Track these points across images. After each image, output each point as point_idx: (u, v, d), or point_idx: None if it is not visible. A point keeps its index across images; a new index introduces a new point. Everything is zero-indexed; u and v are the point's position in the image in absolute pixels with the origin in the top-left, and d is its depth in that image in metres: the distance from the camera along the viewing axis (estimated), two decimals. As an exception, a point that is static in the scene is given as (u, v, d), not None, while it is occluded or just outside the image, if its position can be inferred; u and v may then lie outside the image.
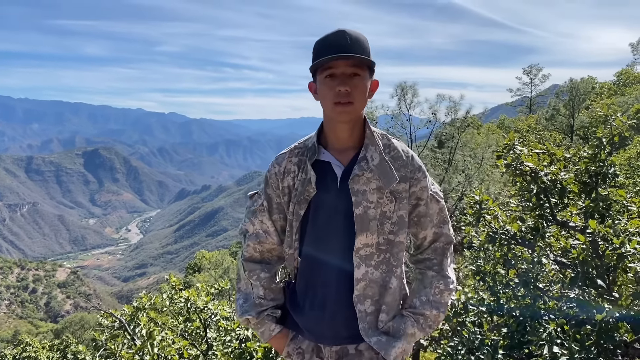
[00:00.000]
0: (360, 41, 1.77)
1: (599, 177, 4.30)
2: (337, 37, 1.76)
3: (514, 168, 4.26)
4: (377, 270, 1.87)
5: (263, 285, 2.03)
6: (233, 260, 36.94)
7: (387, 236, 1.87)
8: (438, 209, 1.96)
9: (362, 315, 1.88)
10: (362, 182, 1.84)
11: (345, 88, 1.75)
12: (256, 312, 2.01)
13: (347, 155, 1.90)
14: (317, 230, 1.91)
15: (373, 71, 1.83)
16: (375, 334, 1.88)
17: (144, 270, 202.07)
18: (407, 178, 1.88)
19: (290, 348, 2.02)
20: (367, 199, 1.84)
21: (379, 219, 1.84)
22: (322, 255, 1.91)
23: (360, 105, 1.81)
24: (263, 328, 2.02)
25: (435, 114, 25.80)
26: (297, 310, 2.00)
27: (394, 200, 1.86)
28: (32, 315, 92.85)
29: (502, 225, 4.28)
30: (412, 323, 1.90)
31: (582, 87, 38.93)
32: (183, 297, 5.57)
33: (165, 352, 4.66)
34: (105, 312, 6.15)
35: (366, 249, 1.85)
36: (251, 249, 2.05)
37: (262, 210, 2.02)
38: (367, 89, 1.82)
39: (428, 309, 1.90)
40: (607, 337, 3.06)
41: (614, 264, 3.35)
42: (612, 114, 4.57)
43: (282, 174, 1.96)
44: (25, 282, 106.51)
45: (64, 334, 29.05)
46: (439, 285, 1.92)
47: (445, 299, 1.92)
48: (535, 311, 3.41)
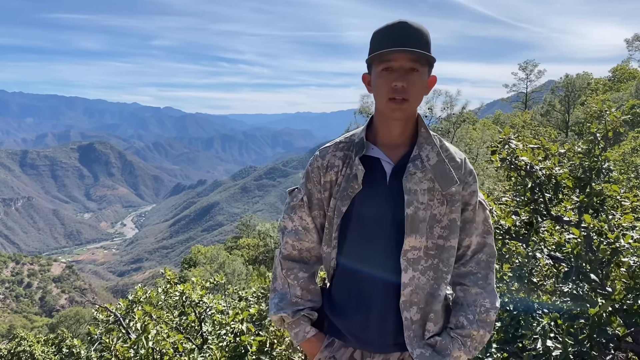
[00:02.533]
0: (421, 34, 1.69)
1: (593, 172, 4.31)
2: (398, 29, 1.68)
3: (509, 162, 4.27)
4: (423, 275, 1.77)
5: (301, 285, 1.91)
6: (228, 255, 36.97)
7: (436, 240, 1.77)
8: (484, 217, 1.87)
9: (408, 323, 1.78)
10: (415, 182, 1.75)
11: (402, 84, 1.67)
12: (292, 311, 1.88)
13: (397, 153, 1.82)
14: (361, 229, 1.80)
15: (432, 66, 1.75)
16: (420, 346, 1.79)
17: (139, 264, 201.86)
18: (461, 181, 1.80)
19: (324, 355, 1.88)
20: (417, 200, 1.74)
21: (428, 222, 1.75)
22: (367, 255, 1.80)
23: (416, 102, 1.74)
24: (298, 329, 1.89)
25: (431, 109, 25.86)
26: (337, 314, 1.88)
27: (445, 203, 1.77)
28: (27, 310, 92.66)
29: (497, 220, 4.29)
30: (460, 346, 1.79)
31: (577, 83, 39.05)
32: (178, 290, 5.57)
33: (160, 346, 4.66)
34: (100, 307, 6.14)
35: (414, 252, 1.75)
36: (290, 246, 1.94)
37: (301, 205, 1.91)
38: (424, 85, 1.75)
39: (475, 329, 1.79)
40: (600, 331, 3.07)
41: (608, 258, 3.37)
42: (606, 110, 4.59)
43: (325, 168, 1.85)
44: (20, 277, 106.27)
45: (59, 328, 29.01)
46: (484, 303, 1.81)
47: (492, 317, 1.82)
48: (529, 305, 3.43)
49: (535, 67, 46.88)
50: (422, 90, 1.74)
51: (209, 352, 4.94)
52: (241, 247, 41.64)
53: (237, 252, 40.04)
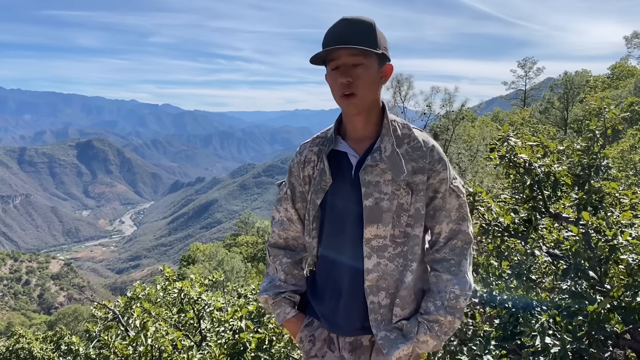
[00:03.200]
0: (361, 28, 1.72)
1: (591, 170, 4.31)
2: (337, 27, 1.73)
3: (508, 160, 4.27)
4: (392, 262, 1.83)
5: (284, 270, 2.05)
6: (227, 253, 36.95)
7: (404, 229, 1.83)
8: (457, 205, 1.88)
9: (375, 307, 1.85)
10: (376, 173, 1.81)
11: (346, 79, 1.73)
12: (274, 293, 2.04)
13: (363, 145, 1.88)
14: (332, 220, 1.91)
15: (385, 56, 1.78)
16: (386, 329, 1.85)
17: (137, 262, 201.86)
18: (426, 169, 1.81)
19: (303, 334, 2.02)
20: (380, 190, 1.80)
21: (395, 211, 1.80)
22: (338, 244, 1.90)
23: (366, 95, 1.77)
24: (279, 310, 2.03)
25: (430, 106, 25.84)
26: (315, 298, 2.02)
27: (411, 192, 1.81)
28: (26, 307, 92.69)
29: (496, 217, 4.29)
30: (425, 330, 1.83)
31: (576, 80, 39.05)
32: (177, 288, 5.57)
33: (159, 343, 4.66)
34: (99, 304, 6.13)
35: (378, 240, 1.82)
36: (276, 235, 2.09)
37: (286, 198, 2.04)
38: (375, 77, 1.78)
39: (442, 315, 1.82)
40: (598, 328, 3.08)
41: (606, 255, 3.37)
42: (605, 107, 4.59)
43: (303, 163, 1.97)
44: (18, 274, 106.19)
45: (57, 325, 29.05)
46: (454, 289, 1.83)
47: (461, 304, 1.84)
48: (528, 302, 3.43)
49: (534, 64, 46.93)
50: (371, 82, 1.77)
51: (207, 349, 4.94)
52: (240, 244, 41.67)
53: (236, 249, 40.06)
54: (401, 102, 26.17)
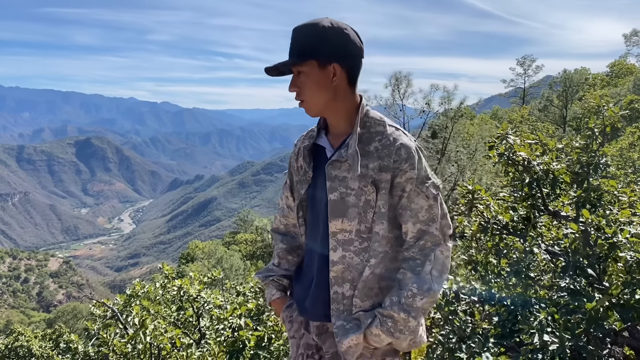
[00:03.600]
0: (299, 36, 1.83)
1: (590, 168, 4.31)
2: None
3: (507, 158, 4.27)
4: (357, 256, 1.88)
5: (279, 254, 2.19)
6: (226, 250, 36.97)
7: (370, 225, 1.86)
8: (427, 206, 1.85)
9: (338, 297, 1.91)
10: (344, 169, 1.85)
11: (293, 89, 1.86)
12: (263, 276, 2.21)
13: (339, 141, 1.93)
14: (311, 211, 2.01)
15: (327, 58, 1.81)
16: (345, 319, 1.90)
17: (136, 260, 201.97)
18: (390, 168, 1.82)
19: (285, 314, 2.15)
20: (347, 185, 1.84)
21: (362, 207, 1.83)
22: (314, 234, 2.00)
23: (313, 99, 1.86)
24: (267, 291, 2.19)
25: (429, 104, 25.82)
26: (295, 283, 2.16)
27: (376, 189, 1.83)
28: (25, 305, 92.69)
29: (494, 215, 4.30)
30: (377, 324, 1.84)
31: (575, 78, 39.08)
32: (176, 285, 5.57)
33: (158, 341, 4.66)
34: (98, 302, 6.14)
35: (344, 234, 1.87)
36: (278, 221, 2.24)
37: (286, 187, 2.18)
38: (319, 80, 1.83)
39: (396, 311, 1.81)
40: (596, 325, 3.08)
41: (605, 253, 3.37)
42: (604, 105, 4.59)
43: (297, 155, 2.06)
44: (17, 272, 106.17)
45: (56, 323, 29.02)
46: (412, 288, 1.82)
47: (417, 303, 1.81)
48: (526, 300, 3.44)
49: (533, 62, 46.93)
50: (315, 87, 1.84)
51: (206, 347, 4.95)
52: (239, 242, 41.67)
53: (235, 247, 40.08)
54: (400, 99, 26.18)
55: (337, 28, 1.81)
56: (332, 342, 2.00)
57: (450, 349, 3.52)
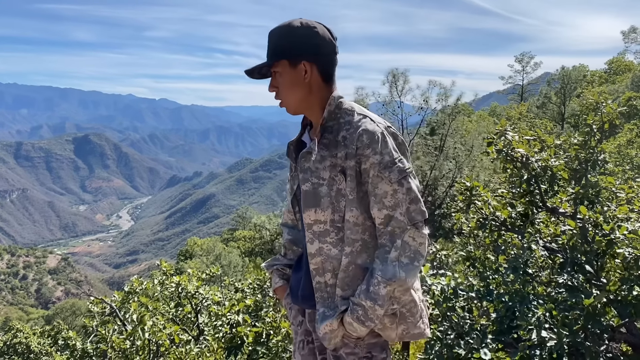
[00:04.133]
0: (273, 38, 1.90)
1: (588, 164, 4.32)
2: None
3: (505, 154, 4.27)
4: (335, 247, 1.91)
5: (285, 245, 2.28)
6: (225, 247, 36.96)
7: (343, 214, 1.88)
8: (391, 191, 1.82)
9: (321, 286, 1.96)
10: (316, 160, 1.89)
11: (272, 90, 1.95)
12: (268, 265, 2.31)
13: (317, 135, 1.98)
14: (299, 205, 2.05)
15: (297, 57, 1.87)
16: (327, 306, 1.94)
17: (135, 257, 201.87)
18: (353, 155, 1.83)
19: (286, 301, 2.25)
20: (318, 176, 1.88)
21: (334, 197, 1.87)
22: (302, 228, 2.04)
23: (288, 98, 1.94)
24: (272, 280, 2.29)
25: (426, 100, 25.79)
26: (292, 273, 2.23)
27: (344, 177, 1.86)
28: (23, 302, 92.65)
29: (493, 212, 4.30)
30: (349, 312, 1.86)
31: (573, 75, 39.05)
32: (174, 282, 5.57)
33: (156, 337, 4.66)
34: (96, 299, 6.14)
35: (319, 225, 1.90)
36: (285, 215, 2.32)
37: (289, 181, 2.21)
38: (292, 79, 1.90)
39: (364, 299, 1.83)
40: (594, 321, 3.09)
41: (603, 249, 3.38)
42: (602, 102, 4.59)
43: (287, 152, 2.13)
44: (15, 269, 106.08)
45: (55, 320, 29.02)
46: (377, 276, 1.82)
47: (382, 291, 1.81)
48: (524, 296, 3.44)
49: (532, 59, 46.83)
50: (289, 86, 1.91)
51: (205, 343, 4.95)
52: (237, 239, 41.64)
53: (234, 244, 40.05)
54: (398, 96, 26.15)
55: (305, 27, 1.86)
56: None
57: (449, 345, 3.53)
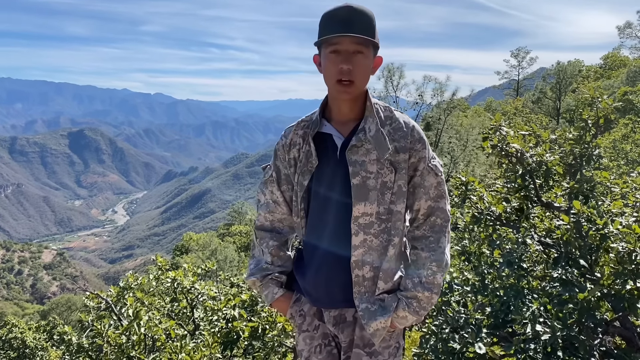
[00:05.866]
0: (365, 18, 1.80)
1: (583, 159, 4.33)
2: (343, 13, 1.78)
3: (500, 149, 4.28)
4: (377, 238, 1.91)
5: (271, 252, 2.13)
6: (220, 242, 36.95)
7: (388, 206, 1.91)
8: (436, 183, 1.95)
9: (360, 279, 1.93)
10: (361, 153, 1.88)
11: (348, 66, 1.79)
12: (261, 276, 2.11)
13: (348, 127, 1.95)
14: (319, 199, 1.98)
15: (377, 48, 1.87)
16: (368, 301, 1.94)
17: (130, 252, 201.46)
18: (407, 148, 1.90)
19: (293, 310, 2.13)
20: (366, 169, 1.88)
21: (379, 189, 1.88)
22: (323, 222, 1.97)
23: (362, 83, 1.85)
24: (267, 291, 2.12)
25: (422, 95, 25.81)
26: (300, 275, 2.10)
27: (394, 170, 1.89)
28: (18, 297, 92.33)
29: (488, 206, 4.31)
30: (404, 306, 1.91)
31: (569, 70, 39.14)
32: (170, 277, 5.57)
33: (152, 332, 4.66)
34: (92, 294, 6.12)
35: (365, 218, 1.89)
36: (262, 217, 2.16)
37: (271, 181, 2.11)
38: (370, 67, 1.86)
39: (420, 291, 1.90)
40: (588, 315, 3.11)
41: (597, 244, 3.39)
42: (598, 97, 4.60)
43: (289, 146, 2.03)
44: (10, 264, 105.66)
45: (50, 315, 29.00)
46: (431, 266, 1.91)
47: (438, 280, 1.92)
48: (519, 291, 3.46)
49: (527, 54, 46.94)
50: (367, 72, 1.86)
51: (201, 338, 4.95)
52: (233, 234, 41.65)
53: (229, 239, 40.05)
54: (393, 91, 26.16)
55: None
56: (350, 331, 2.03)
57: (444, 339, 3.54)
